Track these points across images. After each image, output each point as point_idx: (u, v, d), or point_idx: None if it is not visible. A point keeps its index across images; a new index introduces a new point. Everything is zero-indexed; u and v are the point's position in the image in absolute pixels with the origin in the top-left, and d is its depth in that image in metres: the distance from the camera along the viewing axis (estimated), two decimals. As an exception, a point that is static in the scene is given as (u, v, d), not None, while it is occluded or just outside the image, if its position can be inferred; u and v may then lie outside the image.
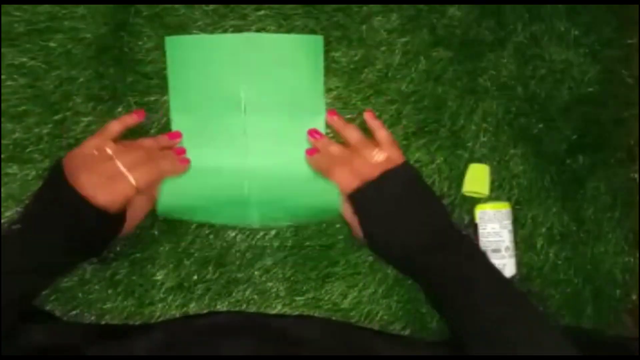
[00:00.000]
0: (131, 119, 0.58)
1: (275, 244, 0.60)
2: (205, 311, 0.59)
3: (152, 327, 0.55)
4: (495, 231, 0.60)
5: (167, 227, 0.60)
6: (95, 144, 0.53)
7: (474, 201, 0.63)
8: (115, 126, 0.56)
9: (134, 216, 0.56)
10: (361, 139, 0.60)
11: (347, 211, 0.58)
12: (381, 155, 0.58)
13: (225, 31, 0.62)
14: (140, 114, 0.59)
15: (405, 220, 0.55)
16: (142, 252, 0.59)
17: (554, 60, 0.65)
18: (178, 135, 0.60)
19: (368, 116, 0.61)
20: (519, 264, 0.62)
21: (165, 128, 0.60)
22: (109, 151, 0.53)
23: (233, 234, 0.60)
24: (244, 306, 0.59)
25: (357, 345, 0.55)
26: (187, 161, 0.59)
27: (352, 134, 0.60)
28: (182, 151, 0.59)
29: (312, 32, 0.62)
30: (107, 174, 0.52)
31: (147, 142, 0.58)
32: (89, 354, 0.50)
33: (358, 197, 0.56)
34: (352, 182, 0.56)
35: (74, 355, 0.50)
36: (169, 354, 0.51)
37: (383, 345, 0.56)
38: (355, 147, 0.59)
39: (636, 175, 0.65)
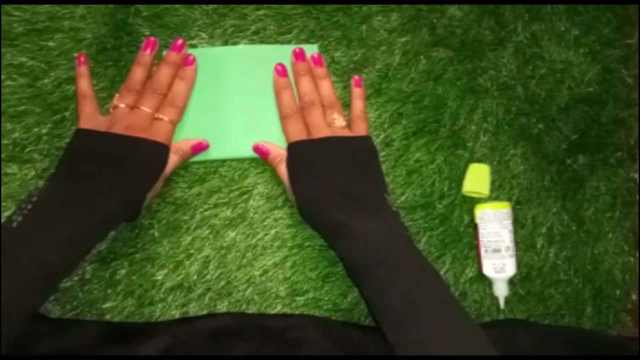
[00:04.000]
0: (148, 56, 0.58)
1: (276, 244, 0.60)
2: (205, 312, 0.59)
3: (156, 333, 0.55)
4: (495, 231, 0.60)
5: (167, 227, 0.60)
6: (127, 102, 0.56)
7: (474, 201, 0.63)
8: (138, 74, 0.57)
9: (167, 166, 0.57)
10: (332, 97, 0.60)
11: (282, 169, 0.58)
12: (340, 121, 0.59)
13: (225, 31, 0.62)
14: (150, 43, 0.59)
15: (330, 183, 0.55)
16: (141, 252, 0.59)
17: (554, 60, 0.65)
18: (182, 46, 0.59)
19: (355, 81, 0.62)
20: (519, 264, 0.62)
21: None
22: (142, 108, 0.56)
23: (233, 234, 0.60)
24: (244, 306, 0.59)
25: (357, 346, 0.55)
26: (194, 63, 0.59)
27: (325, 88, 0.60)
28: (190, 62, 0.59)
29: (312, 32, 0.62)
30: (145, 123, 0.56)
31: (163, 73, 0.58)
32: None
33: (294, 148, 0.57)
34: (298, 134, 0.58)
35: (76, 355, 0.50)
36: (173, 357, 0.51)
37: (382, 346, 0.56)
38: (323, 103, 0.60)
39: (636, 175, 0.65)
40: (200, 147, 0.59)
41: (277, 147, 0.59)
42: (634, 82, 0.66)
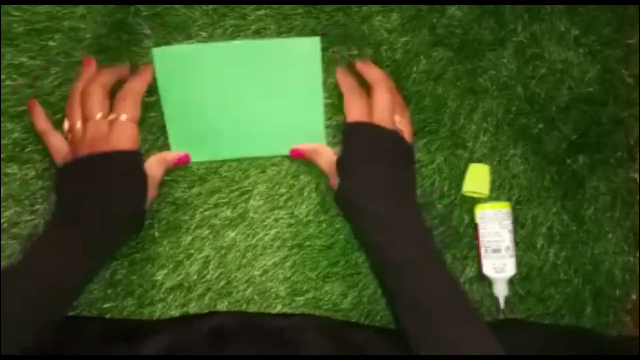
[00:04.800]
0: (88, 73, 0.57)
1: (276, 244, 0.60)
2: (205, 311, 0.59)
3: (157, 331, 0.55)
4: (495, 231, 0.60)
5: (167, 227, 0.60)
6: (76, 117, 0.55)
7: (474, 201, 0.63)
8: (79, 89, 0.55)
9: (153, 175, 0.57)
10: (397, 99, 0.60)
11: (322, 163, 0.58)
12: (401, 123, 0.58)
13: (225, 31, 0.61)
14: (89, 61, 0.58)
15: (376, 177, 0.55)
16: (141, 252, 0.59)
17: (554, 60, 0.65)
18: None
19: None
20: (519, 264, 0.62)
21: (164, 141, 0.60)
22: (91, 118, 0.54)
23: (233, 234, 0.60)
24: (244, 306, 0.59)
25: (357, 346, 0.55)
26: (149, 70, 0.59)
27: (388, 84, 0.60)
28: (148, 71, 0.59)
29: (312, 32, 0.62)
30: (103, 131, 0.53)
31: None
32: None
33: (352, 129, 0.57)
34: (360, 115, 0.57)
35: (76, 355, 0.50)
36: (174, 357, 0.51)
37: (382, 346, 0.56)
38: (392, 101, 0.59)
39: (636, 175, 0.65)
40: (182, 161, 0.59)
41: (310, 144, 0.59)
42: (634, 82, 0.66)
